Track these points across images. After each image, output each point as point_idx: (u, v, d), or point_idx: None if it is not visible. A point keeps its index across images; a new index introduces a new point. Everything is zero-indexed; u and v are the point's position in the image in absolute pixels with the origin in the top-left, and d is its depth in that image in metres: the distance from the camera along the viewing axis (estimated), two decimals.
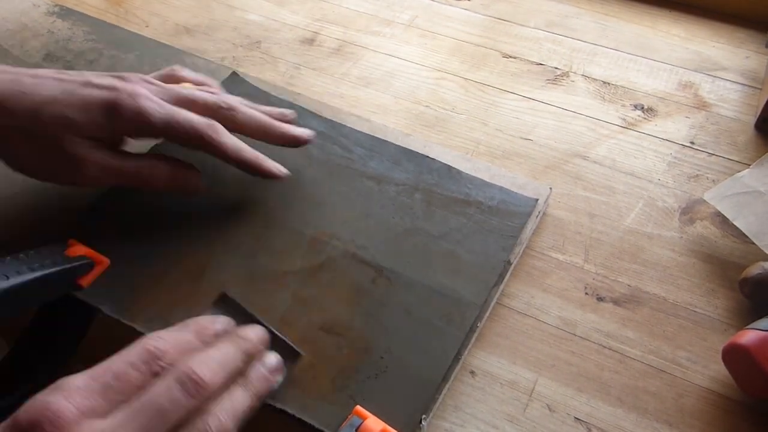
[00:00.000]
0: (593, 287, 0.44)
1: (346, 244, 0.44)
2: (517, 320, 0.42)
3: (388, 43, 0.64)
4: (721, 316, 0.42)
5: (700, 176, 0.51)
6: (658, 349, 0.40)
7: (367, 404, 0.36)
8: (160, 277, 0.42)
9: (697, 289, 0.43)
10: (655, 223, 0.47)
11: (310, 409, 0.36)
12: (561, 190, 0.50)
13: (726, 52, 0.62)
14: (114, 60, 0.59)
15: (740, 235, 0.45)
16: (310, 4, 0.69)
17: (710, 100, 0.57)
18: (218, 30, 0.65)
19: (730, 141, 0.53)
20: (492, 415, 0.37)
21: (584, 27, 0.66)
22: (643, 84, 0.59)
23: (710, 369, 0.39)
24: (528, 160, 0.52)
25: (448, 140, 0.54)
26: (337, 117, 0.52)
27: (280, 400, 0.36)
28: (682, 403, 0.38)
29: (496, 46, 0.64)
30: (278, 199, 0.46)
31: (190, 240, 0.44)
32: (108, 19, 0.65)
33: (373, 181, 0.48)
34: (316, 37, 0.64)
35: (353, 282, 0.42)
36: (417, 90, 0.58)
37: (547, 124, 0.55)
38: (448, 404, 0.38)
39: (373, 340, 0.39)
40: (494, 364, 0.40)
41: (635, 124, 0.55)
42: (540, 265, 0.45)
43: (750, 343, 0.36)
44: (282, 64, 0.61)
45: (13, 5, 0.65)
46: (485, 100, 0.57)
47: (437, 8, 0.68)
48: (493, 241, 0.44)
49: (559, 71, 0.60)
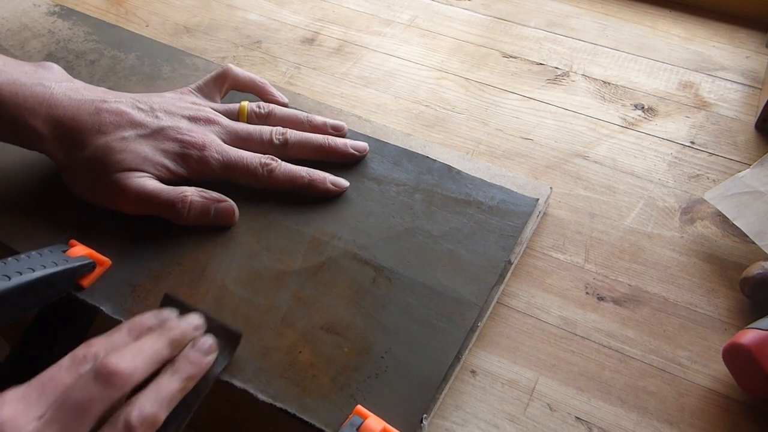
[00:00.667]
0: (594, 287, 0.44)
1: (346, 244, 0.44)
2: (518, 320, 0.42)
3: (389, 43, 0.64)
4: (722, 315, 0.42)
5: (700, 176, 0.51)
6: (658, 349, 0.40)
7: (367, 404, 0.36)
8: (160, 277, 0.42)
9: (697, 289, 0.43)
10: (655, 222, 0.48)
11: (311, 409, 0.36)
12: (561, 190, 0.50)
13: (726, 52, 0.62)
14: (114, 60, 0.59)
15: (741, 235, 0.45)
16: (311, 4, 0.69)
17: (710, 100, 0.57)
18: (218, 30, 0.65)
19: (730, 141, 0.54)
20: (493, 415, 0.37)
21: (584, 27, 0.66)
22: (643, 84, 0.59)
23: (711, 368, 0.39)
24: (528, 159, 0.52)
25: (448, 140, 0.54)
26: (337, 118, 0.52)
27: (281, 399, 0.36)
28: (683, 403, 0.38)
29: (496, 45, 0.64)
30: (278, 199, 0.46)
31: (190, 240, 0.44)
32: (108, 19, 0.65)
33: (373, 182, 0.48)
34: (316, 37, 0.64)
35: (353, 282, 0.42)
36: (417, 90, 0.58)
37: (548, 124, 0.55)
38: (448, 403, 0.38)
39: (373, 339, 0.39)
40: (495, 363, 0.40)
41: (635, 123, 0.55)
42: (540, 264, 0.45)
43: (750, 342, 0.36)
44: (282, 63, 0.61)
45: (13, 5, 0.65)
46: (485, 100, 0.58)
47: (437, 8, 0.68)
48: (494, 240, 0.44)
49: (560, 71, 0.61)
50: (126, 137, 0.43)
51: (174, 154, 0.44)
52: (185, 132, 0.45)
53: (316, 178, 0.46)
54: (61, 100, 0.43)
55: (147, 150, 0.44)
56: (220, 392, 0.37)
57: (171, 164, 0.44)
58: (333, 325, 0.40)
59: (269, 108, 0.50)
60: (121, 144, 0.43)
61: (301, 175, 0.46)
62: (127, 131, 0.44)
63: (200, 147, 0.45)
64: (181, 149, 0.44)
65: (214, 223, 0.44)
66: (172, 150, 0.44)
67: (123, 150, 0.43)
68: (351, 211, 0.46)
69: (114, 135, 0.43)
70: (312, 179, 0.46)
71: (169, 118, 0.46)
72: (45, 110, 0.43)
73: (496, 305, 0.42)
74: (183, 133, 0.45)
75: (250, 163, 0.45)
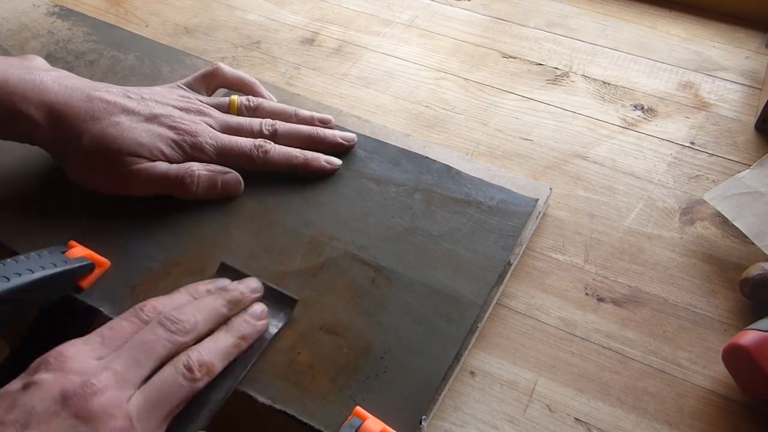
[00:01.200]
0: (593, 288, 0.44)
1: (346, 245, 0.44)
2: (518, 321, 0.42)
3: (388, 43, 0.64)
4: (722, 316, 0.42)
5: (700, 176, 0.51)
6: (658, 350, 0.40)
7: (367, 404, 0.36)
8: (160, 278, 0.42)
9: (697, 290, 0.43)
10: (655, 223, 0.47)
11: (310, 410, 0.36)
12: (561, 191, 0.50)
13: (726, 52, 0.62)
14: (114, 61, 0.59)
15: (740, 236, 0.45)
16: (310, 4, 0.69)
17: (710, 100, 0.57)
18: (218, 30, 0.65)
19: (730, 141, 0.53)
20: (492, 416, 0.37)
21: (584, 27, 0.66)
22: (643, 84, 0.59)
23: (710, 369, 0.39)
24: (528, 160, 0.52)
25: (448, 140, 0.54)
26: (337, 119, 0.52)
27: (280, 400, 0.36)
28: (683, 404, 0.38)
29: (495, 46, 0.64)
30: (278, 199, 0.46)
31: (189, 240, 0.44)
32: (108, 20, 0.65)
33: (373, 182, 0.48)
34: (315, 37, 0.64)
35: (353, 282, 0.42)
36: (417, 90, 0.58)
37: (547, 125, 0.55)
38: (448, 404, 0.38)
39: (373, 340, 0.39)
40: (494, 364, 0.40)
41: (635, 124, 0.55)
42: (540, 265, 0.45)
43: (750, 343, 0.36)
44: (282, 64, 0.61)
45: (13, 5, 0.65)
46: (485, 100, 0.57)
47: (437, 8, 0.68)
48: (493, 241, 0.44)
49: (559, 71, 0.60)
50: (120, 122, 0.44)
51: (169, 139, 0.45)
52: (178, 120, 0.46)
53: (311, 157, 0.48)
54: (52, 87, 0.44)
55: (143, 135, 0.44)
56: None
57: (166, 149, 0.45)
58: (332, 325, 0.40)
59: (258, 101, 0.51)
60: (117, 129, 0.43)
61: (296, 155, 0.47)
62: (121, 117, 0.44)
63: (193, 133, 0.46)
64: (175, 135, 0.45)
65: (222, 196, 0.46)
66: (167, 135, 0.45)
67: (119, 136, 0.43)
68: (350, 211, 0.46)
69: (108, 120, 0.43)
70: (306, 158, 0.47)
71: (161, 106, 0.46)
72: (37, 96, 0.43)
73: (496, 306, 0.42)
74: (176, 120, 0.46)
75: (244, 146, 0.46)
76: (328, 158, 0.48)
